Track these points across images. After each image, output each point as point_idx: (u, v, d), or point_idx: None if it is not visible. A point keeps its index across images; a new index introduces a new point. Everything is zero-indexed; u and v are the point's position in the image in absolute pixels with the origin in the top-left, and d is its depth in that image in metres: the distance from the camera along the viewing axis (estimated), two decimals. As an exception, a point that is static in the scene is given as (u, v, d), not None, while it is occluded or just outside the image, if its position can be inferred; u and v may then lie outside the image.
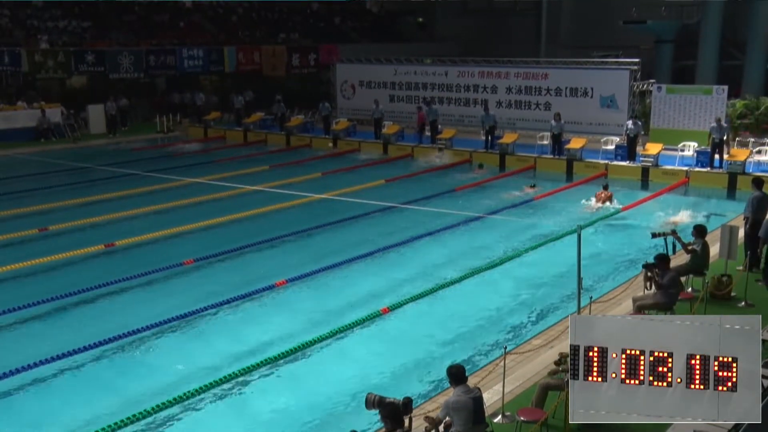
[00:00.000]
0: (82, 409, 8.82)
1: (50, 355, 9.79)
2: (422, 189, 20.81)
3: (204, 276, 13.71)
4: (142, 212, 18.28)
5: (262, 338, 10.76)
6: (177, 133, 33.20)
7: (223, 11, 43.55)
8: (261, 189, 20.42)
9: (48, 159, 26.34)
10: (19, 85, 32.93)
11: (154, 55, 34.89)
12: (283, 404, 8.97)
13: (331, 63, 35.88)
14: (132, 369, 9.97)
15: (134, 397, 8.97)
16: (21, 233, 16.07)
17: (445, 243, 15.73)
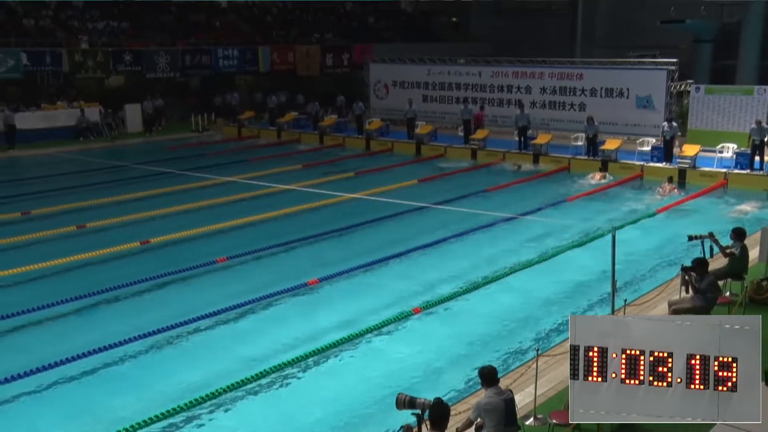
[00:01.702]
0: (113, 403, 8.94)
1: (87, 350, 9.94)
2: (455, 189, 20.74)
3: (237, 274, 13.82)
4: (176, 210, 18.50)
5: (294, 336, 10.81)
6: (211, 132, 33.56)
7: (258, 11, 43.89)
8: (294, 188, 20.53)
9: (86, 157, 26.81)
10: (59, 84, 33.56)
11: (189, 54, 35.30)
12: (313, 403, 9.00)
13: (365, 63, 35.94)
14: (164, 365, 10.08)
15: (164, 394, 9.07)
16: (60, 230, 16.37)
17: (478, 243, 15.66)
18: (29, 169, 25.74)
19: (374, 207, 18.47)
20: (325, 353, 10.15)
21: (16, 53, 29.98)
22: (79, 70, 31.93)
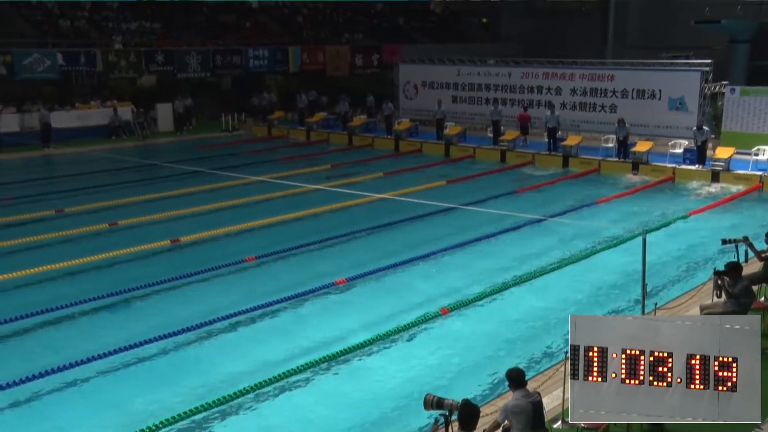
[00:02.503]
0: (143, 398, 9.04)
1: (118, 346, 10.07)
2: (483, 190, 20.66)
3: (265, 273, 13.90)
4: (206, 209, 18.66)
5: (321, 336, 10.84)
6: (241, 131, 33.82)
7: (288, 11, 44.11)
8: (322, 188, 20.60)
9: (118, 156, 27.15)
10: (93, 84, 34.06)
11: (220, 55, 35.61)
12: (339, 403, 9.02)
13: (394, 63, 35.94)
14: (190, 363, 10.14)
15: (189, 392, 9.14)
16: (93, 227, 16.60)
17: (506, 245, 15.58)
18: (63, 167, 26.16)
19: (403, 207, 18.46)
20: (352, 353, 10.16)
21: (52, 54, 30.50)
22: (112, 70, 32.37)
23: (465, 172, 24.02)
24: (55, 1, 34.51)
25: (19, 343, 10.64)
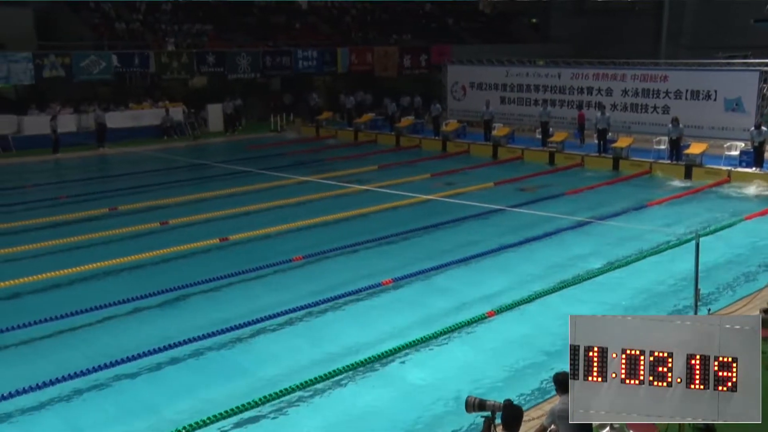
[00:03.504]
0: (189, 395, 9.17)
1: (165, 343, 10.24)
2: (531, 193, 20.46)
3: (312, 273, 13.99)
4: (255, 208, 18.88)
5: (366, 336, 10.86)
6: (290, 132, 34.15)
7: (337, 12, 44.37)
8: (369, 188, 20.65)
9: (170, 155, 27.67)
10: (146, 85, 34.80)
11: (270, 56, 36.01)
12: (383, 403, 9.02)
13: (443, 64, 35.85)
14: (237, 360, 10.26)
15: (235, 390, 9.22)
16: (144, 226, 16.95)
17: (554, 247, 15.39)
18: (117, 166, 26.80)
19: (450, 209, 18.40)
20: (396, 354, 10.15)
21: (108, 55, 31.26)
22: (165, 71, 33.03)
23: (513, 173, 23.82)
24: (111, 0, 35.35)
25: (71, 339, 10.89)
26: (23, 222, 17.34)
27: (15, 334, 10.74)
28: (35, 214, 18.19)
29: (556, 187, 21.30)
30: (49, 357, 10.26)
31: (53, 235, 16.12)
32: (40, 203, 19.82)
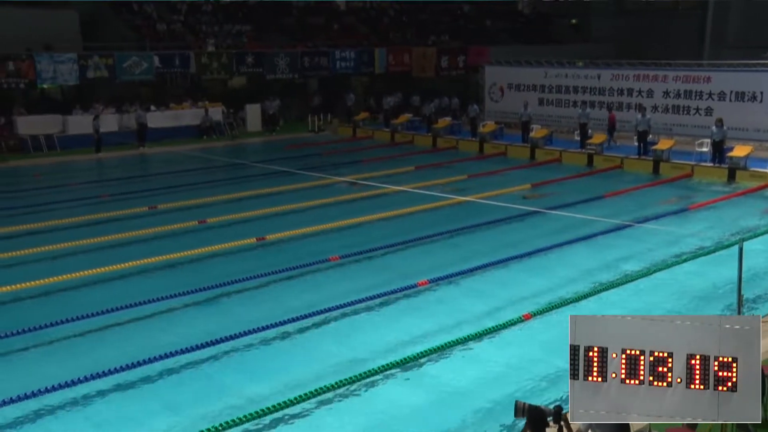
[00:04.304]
0: (225, 392, 9.25)
1: (202, 341, 10.33)
2: (569, 194, 20.25)
3: (348, 273, 14.02)
4: (292, 208, 18.99)
5: (402, 337, 10.84)
6: (327, 132, 34.31)
7: (375, 13, 44.44)
8: (406, 189, 20.64)
9: (209, 155, 28.01)
10: (186, 85, 35.26)
11: (308, 56, 36.22)
12: (419, 406, 8.98)
13: (480, 65, 35.68)
14: (271, 361, 10.28)
15: (268, 389, 9.27)
16: (183, 224, 17.16)
17: (592, 250, 15.20)
18: (157, 166, 27.20)
19: (486, 210, 18.30)
20: (432, 355, 10.11)
21: (150, 56, 31.74)
22: (204, 71, 33.43)
23: (550, 175, 23.60)
24: (153, 1, 35.92)
25: (108, 336, 11.06)
26: (66, 220, 17.67)
27: (58, 329, 10.94)
28: (77, 212, 18.55)
29: (595, 190, 21.04)
30: (88, 353, 10.43)
31: (94, 232, 16.41)
32: (82, 201, 20.21)
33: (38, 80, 29.50)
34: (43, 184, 23.29)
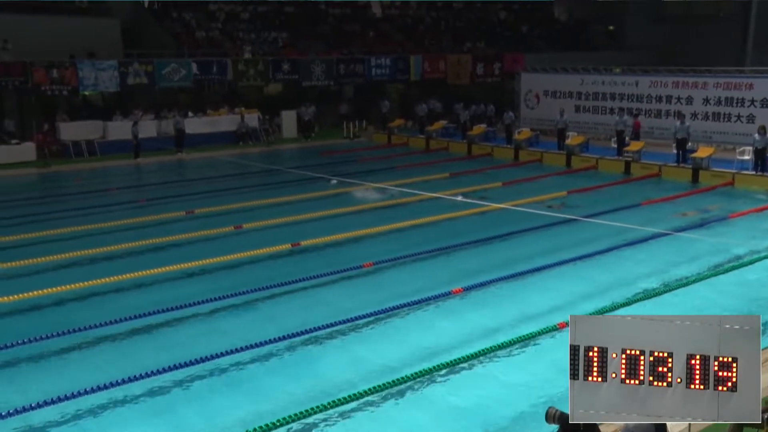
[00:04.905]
0: (258, 397, 9.30)
1: (237, 346, 10.40)
2: (606, 202, 20.03)
3: (382, 279, 14.03)
4: (326, 214, 19.07)
5: (435, 344, 10.80)
6: (362, 139, 34.44)
7: (411, 21, 44.54)
8: (441, 196, 20.61)
9: (245, 161, 28.31)
10: (224, 92, 35.71)
11: (344, 63, 36.42)
12: (450, 413, 8.94)
13: (516, 72, 35.53)
14: (305, 364, 10.34)
15: (301, 395, 9.28)
16: (219, 230, 17.34)
17: (628, 259, 15.00)
18: (194, 171, 27.54)
19: (521, 217, 18.20)
20: (467, 362, 10.06)
21: (188, 63, 32.22)
22: (241, 78, 33.82)
23: (587, 183, 23.38)
24: (193, 1, 36.49)
25: (144, 341, 11.20)
26: (105, 224, 17.98)
27: (95, 332, 11.12)
28: (115, 216, 18.86)
29: (632, 197, 20.78)
30: (126, 356, 10.57)
31: (132, 237, 16.67)
32: (121, 206, 20.55)
33: (80, 87, 30.12)
34: (83, 188, 23.75)
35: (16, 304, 12.26)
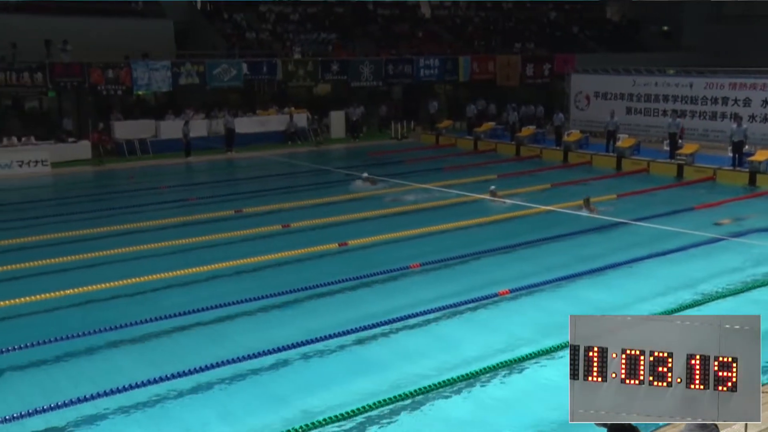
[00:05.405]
0: (301, 395, 9.36)
1: (281, 344, 10.45)
2: (657, 206, 19.63)
3: (428, 280, 13.98)
4: (373, 214, 19.11)
5: (482, 346, 10.73)
6: (410, 139, 34.43)
7: (460, 21, 44.37)
8: (488, 198, 20.47)
9: (293, 160, 28.56)
10: (273, 92, 36.11)
11: (392, 64, 36.47)
12: (497, 419, 8.87)
13: (566, 73, 35.09)
14: (350, 363, 10.34)
15: (344, 396, 9.26)
16: (267, 228, 17.52)
17: (680, 264, 14.65)
18: (243, 170, 27.91)
19: (570, 220, 17.95)
20: (514, 365, 9.97)
21: (239, 64, 32.68)
22: (290, 78, 34.15)
23: (637, 186, 22.95)
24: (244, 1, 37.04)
25: (192, 336, 11.35)
26: (156, 221, 18.32)
27: (145, 327, 11.33)
28: (165, 214, 19.20)
29: (684, 201, 20.33)
30: (171, 352, 10.72)
31: (181, 234, 16.94)
32: (171, 204, 20.91)
33: (134, 87, 30.79)
34: (135, 186, 24.26)
35: (72, 298, 12.57)
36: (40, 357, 10.35)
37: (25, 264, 14.29)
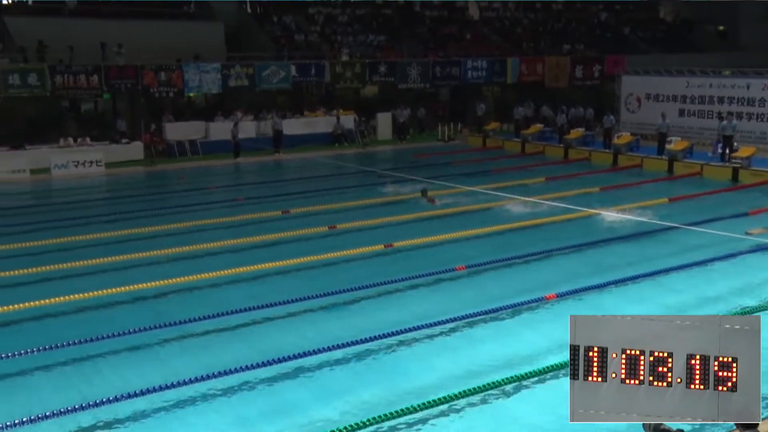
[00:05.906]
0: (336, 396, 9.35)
1: (325, 345, 10.48)
2: (710, 210, 19.17)
3: (474, 283, 13.90)
4: (419, 216, 19.09)
5: (528, 349, 10.61)
6: (457, 141, 34.31)
7: (509, 23, 44.04)
8: (535, 200, 20.27)
9: (340, 162, 28.72)
10: (321, 94, 36.37)
11: (440, 66, 36.39)
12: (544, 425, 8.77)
13: (617, 74, 34.54)
14: (397, 367, 10.33)
15: (390, 395, 9.26)
16: (314, 229, 17.64)
17: (736, 270, 14.29)
18: (291, 171, 28.17)
19: (620, 224, 17.66)
20: (561, 370, 9.84)
21: (287, 66, 33.02)
22: (338, 80, 34.35)
23: (690, 190, 22.45)
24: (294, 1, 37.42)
25: (242, 335, 11.49)
26: (205, 221, 18.61)
27: (193, 326, 11.51)
28: (214, 214, 19.50)
29: (737, 206, 19.80)
30: (221, 350, 10.87)
31: (230, 234, 17.19)
32: (219, 204, 21.23)
33: (185, 89, 31.37)
34: (185, 186, 24.68)
35: (122, 296, 12.85)
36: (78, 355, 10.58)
37: (78, 263, 14.62)
